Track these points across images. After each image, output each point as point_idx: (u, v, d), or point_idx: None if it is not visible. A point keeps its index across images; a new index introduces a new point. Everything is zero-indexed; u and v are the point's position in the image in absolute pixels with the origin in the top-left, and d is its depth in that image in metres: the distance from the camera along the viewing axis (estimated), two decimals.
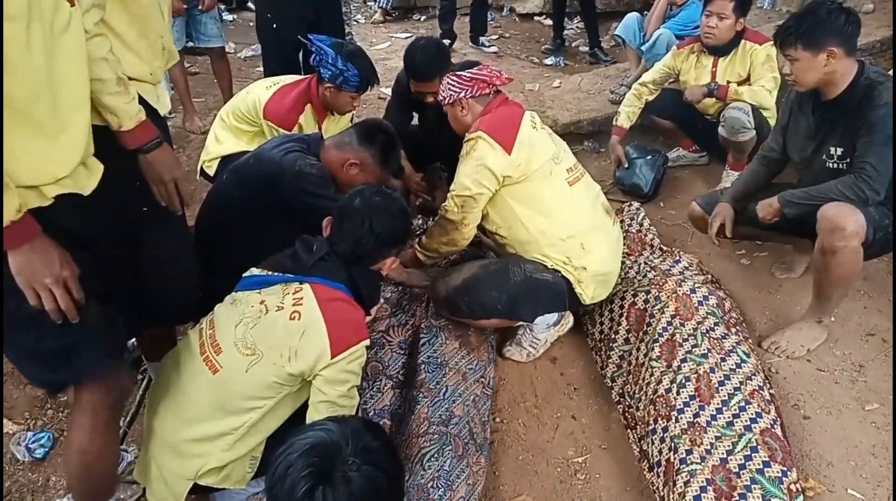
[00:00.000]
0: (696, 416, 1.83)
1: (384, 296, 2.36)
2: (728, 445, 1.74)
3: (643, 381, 2.05)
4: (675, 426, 1.83)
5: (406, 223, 1.81)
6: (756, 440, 1.74)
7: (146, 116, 1.53)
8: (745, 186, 2.38)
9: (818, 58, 2.00)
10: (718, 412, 1.83)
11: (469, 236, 2.24)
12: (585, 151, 3.92)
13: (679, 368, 1.97)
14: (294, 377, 1.57)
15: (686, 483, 1.69)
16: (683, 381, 1.93)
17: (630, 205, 2.98)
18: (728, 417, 1.81)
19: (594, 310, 2.42)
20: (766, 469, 1.67)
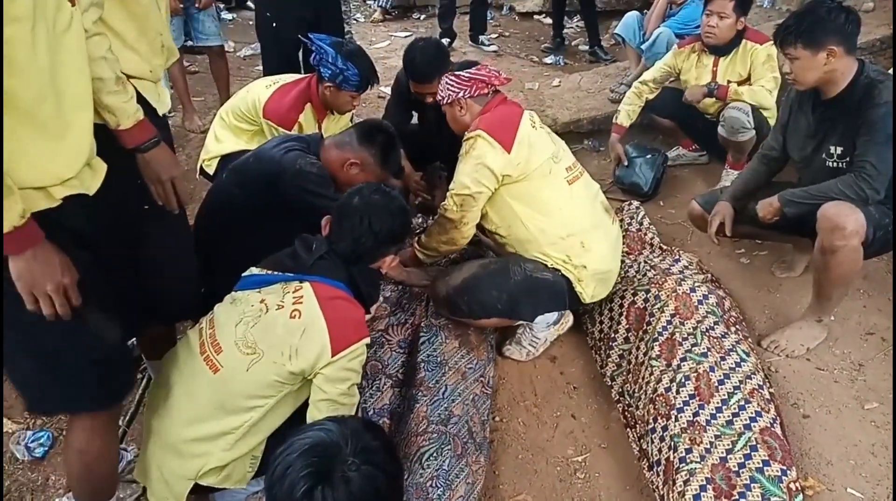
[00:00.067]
0: (696, 415, 1.83)
1: (384, 295, 2.36)
2: (728, 444, 1.74)
3: (643, 380, 2.05)
4: (675, 425, 1.83)
5: (405, 221, 1.81)
6: (756, 438, 1.74)
7: (145, 115, 1.53)
8: (745, 185, 2.38)
9: (818, 56, 2.00)
10: (718, 410, 1.83)
11: (468, 235, 2.24)
12: (585, 149, 3.92)
13: (679, 367, 1.98)
14: (295, 376, 1.57)
15: (686, 481, 1.69)
16: (683, 380, 1.93)
17: (630, 204, 2.98)
18: (728, 416, 1.81)
19: (594, 309, 2.42)
20: (766, 467, 1.67)
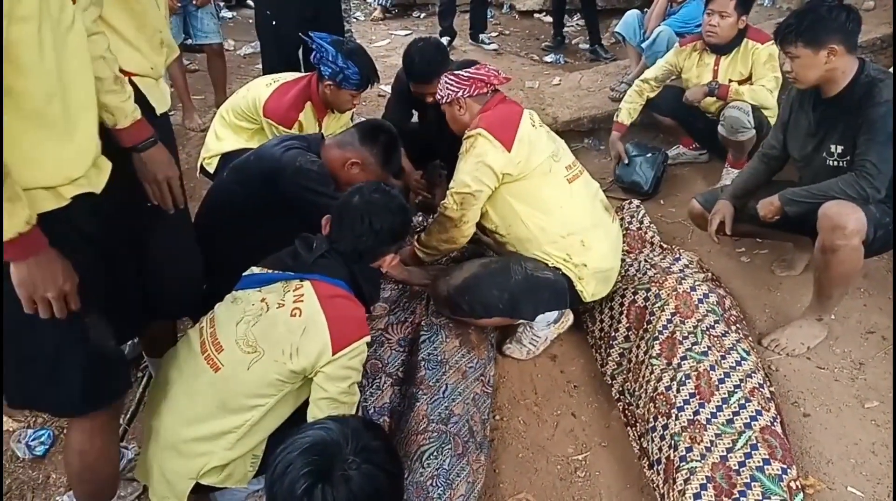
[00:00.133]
0: (696, 414, 1.83)
1: (383, 294, 2.36)
2: (728, 442, 1.74)
3: (643, 379, 2.05)
4: (675, 424, 1.83)
5: (405, 220, 1.82)
6: (756, 437, 1.74)
7: (146, 114, 1.53)
8: (745, 184, 2.38)
9: (819, 55, 1.99)
10: (718, 409, 1.83)
11: (468, 233, 2.24)
12: (585, 148, 3.92)
13: (679, 365, 1.97)
14: (296, 374, 1.58)
15: (686, 480, 1.69)
16: (683, 379, 1.93)
17: (630, 202, 2.98)
18: (728, 414, 1.81)
19: (594, 308, 2.42)
20: (766, 466, 1.67)
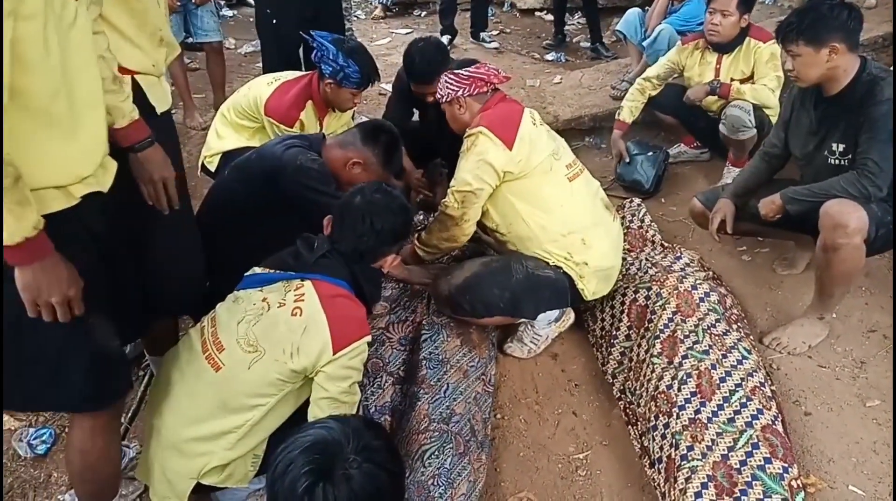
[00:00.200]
0: (698, 412, 1.83)
1: (384, 293, 2.36)
2: (729, 441, 1.74)
3: (644, 377, 2.05)
4: (677, 423, 1.83)
5: (406, 221, 1.81)
6: (757, 436, 1.74)
7: (148, 113, 1.53)
8: (747, 183, 2.38)
9: (820, 53, 1.99)
10: (720, 408, 1.83)
11: (469, 232, 2.23)
12: (586, 146, 3.92)
13: (680, 364, 1.97)
14: (296, 374, 1.58)
15: (687, 479, 1.69)
16: (685, 377, 1.93)
17: (631, 201, 2.98)
18: (729, 413, 1.81)
19: (595, 306, 2.42)
20: (768, 465, 1.67)
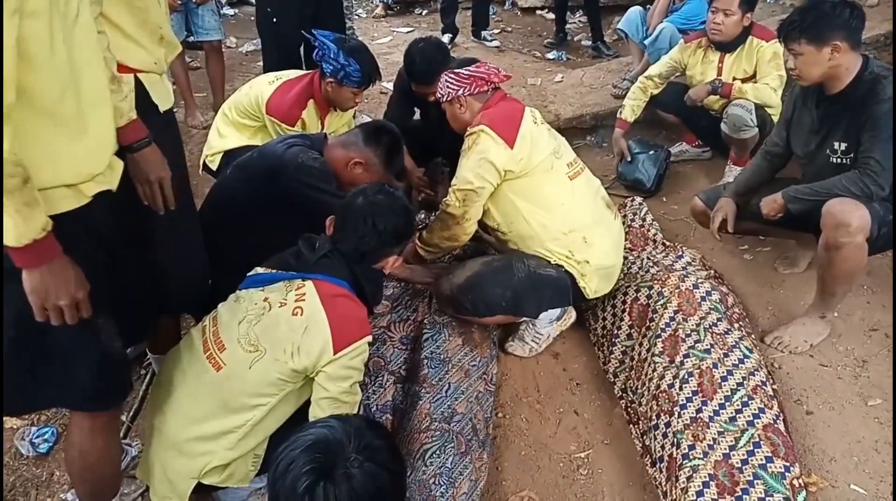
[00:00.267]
0: (699, 411, 1.83)
1: (385, 292, 2.36)
2: (731, 440, 1.74)
3: (646, 376, 2.05)
4: (678, 422, 1.83)
5: (408, 221, 1.81)
6: (759, 435, 1.74)
7: (151, 111, 1.53)
8: (748, 181, 2.37)
9: (822, 52, 1.98)
10: (721, 407, 1.83)
11: (470, 230, 2.23)
12: (588, 145, 3.91)
13: (682, 363, 1.97)
14: (297, 374, 1.58)
15: (689, 478, 1.69)
16: (686, 376, 1.93)
17: (633, 200, 2.98)
18: (731, 412, 1.81)
19: (597, 305, 2.41)
20: (769, 464, 1.67)
